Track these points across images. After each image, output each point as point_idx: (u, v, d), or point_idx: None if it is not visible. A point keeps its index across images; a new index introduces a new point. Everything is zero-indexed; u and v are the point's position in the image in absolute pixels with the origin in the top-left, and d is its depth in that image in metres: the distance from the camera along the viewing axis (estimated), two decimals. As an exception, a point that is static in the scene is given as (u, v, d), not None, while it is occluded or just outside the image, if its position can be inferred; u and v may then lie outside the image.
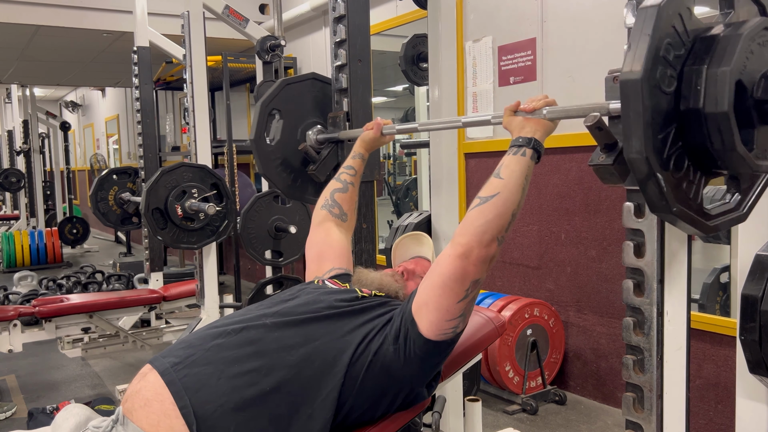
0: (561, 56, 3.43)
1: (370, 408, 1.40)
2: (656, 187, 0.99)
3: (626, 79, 0.96)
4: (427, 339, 1.34)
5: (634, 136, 0.97)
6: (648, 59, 0.94)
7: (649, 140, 0.96)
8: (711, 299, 3.17)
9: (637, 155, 0.97)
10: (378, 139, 1.94)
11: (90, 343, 3.98)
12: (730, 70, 0.95)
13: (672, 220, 1.05)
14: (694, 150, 1.02)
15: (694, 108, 0.99)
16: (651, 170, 0.97)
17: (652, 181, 0.98)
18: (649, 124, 0.96)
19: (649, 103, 0.95)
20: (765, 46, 1.01)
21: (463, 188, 4.06)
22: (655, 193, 1.00)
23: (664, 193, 0.99)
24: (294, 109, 2.20)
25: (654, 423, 1.36)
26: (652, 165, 0.97)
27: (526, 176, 1.37)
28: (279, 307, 1.47)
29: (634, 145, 0.97)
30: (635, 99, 0.95)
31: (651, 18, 0.95)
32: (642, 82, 0.94)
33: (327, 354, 1.35)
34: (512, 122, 1.43)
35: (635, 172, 0.99)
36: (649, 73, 0.95)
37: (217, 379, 1.28)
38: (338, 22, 2.16)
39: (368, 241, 2.21)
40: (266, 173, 2.14)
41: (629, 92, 0.96)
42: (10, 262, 8.25)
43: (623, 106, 0.98)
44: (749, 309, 1.21)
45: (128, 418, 1.27)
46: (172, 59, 5.43)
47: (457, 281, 1.32)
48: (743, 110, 0.98)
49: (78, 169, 13.67)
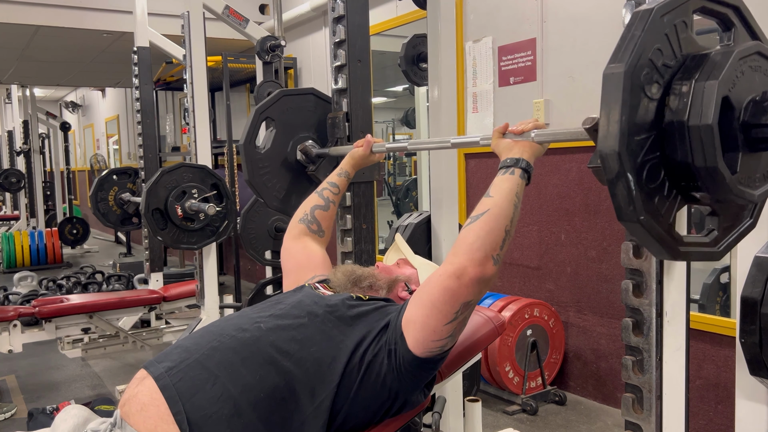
0: (561, 56, 3.43)
1: (366, 416, 1.38)
2: (625, 189, 0.94)
3: (609, 72, 0.94)
4: (415, 355, 1.32)
5: (610, 130, 0.93)
6: (635, 56, 0.93)
7: (624, 138, 0.92)
8: (711, 299, 3.17)
9: (609, 150, 0.93)
10: (367, 157, 1.92)
11: (90, 344, 3.98)
12: (718, 83, 0.93)
13: (638, 232, 0.98)
14: (672, 166, 0.98)
15: (678, 121, 0.96)
16: (622, 169, 0.93)
17: (621, 181, 0.94)
18: (626, 121, 0.93)
19: (629, 99, 0.93)
20: (756, 71, 1.00)
21: (463, 189, 4.06)
22: (623, 196, 0.94)
23: (633, 197, 0.94)
24: (288, 121, 2.18)
25: (653, 423, 1.36)
26: (623, 163, 0.93)
27: (516, 193, 1.34)
28: (275, 310, 1.45)
29: (608, 139, 0.93)
30: (615, 92, 0.93)
31: (643, 20, 0.94)
32: (624, 76, 0.92)
33: (322, 361, 1.33)
34: (500, 144, 1.42)
35: (606, 169, 0.95)
36: (633, 69, 0.93)
37: (212, 385, 1.26)
38: (338, 22, 2.16)
39: (368, 241, 2.20)
40: (252, 180, 2.12)
41: (610, 85, 0.93)
42: (10, 263, 8.25)
43: (603, 100, 0.95)
44: (749, 311, 1.21)
45: (126, 421, 1.27)
46: (172, 59, 5.43)
47: (446, 302, 1.27)
48: (728, 131, 0.95)
49: (78, 170, 13.67)
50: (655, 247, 0.99)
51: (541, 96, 3.54)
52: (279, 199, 2.19)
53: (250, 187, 2.13)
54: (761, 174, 1.03)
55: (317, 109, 2.24)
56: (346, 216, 2.17)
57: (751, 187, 1.01)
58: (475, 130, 3.96)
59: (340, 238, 2.22)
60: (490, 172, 3.90)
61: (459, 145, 1.73)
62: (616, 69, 0.93)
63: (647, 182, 0.96)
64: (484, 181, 3.94)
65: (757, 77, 1.00)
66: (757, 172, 1.02)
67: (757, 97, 0.98)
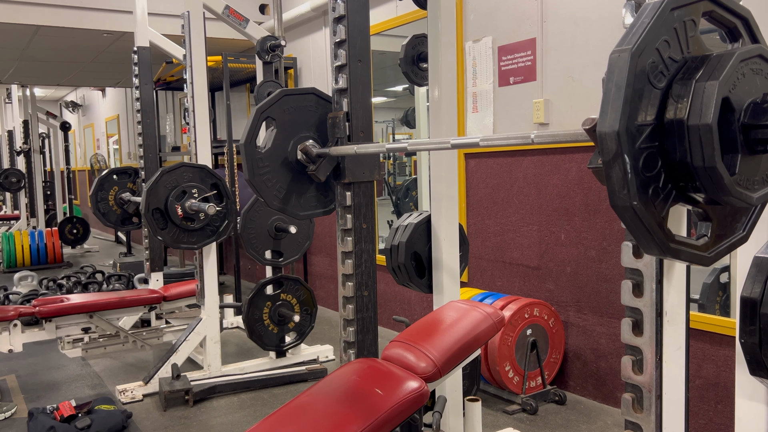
0: (561, 56, 3.43)
1: None
2: (621, 172, 0.93)
3: (616, 54, 0.94)
4: None
5: (611, 109, 0.92)
6: (642, 42, 0.93)
7: (625, 118, 0.92)
8: (711, 299, 3.17)
9: (609, 129, 0.93)
10: None
11: (90, 343, 3.98)
12: (718, 83, 0.94)
13: (629, 218, 0.97)
14: (671, 164, 0.99)
15: (677, 119, 0.96)
16: (620, 149, 0.93)
17: (618, 163, 0.93)
18: (628, 102, 0.92)
19: (633, 81, 0.93)
20: (757, 74, 1.00)
21: (463, 189, 4.06)
22: (618, 179, 0.94)
23: (628, 180, 0.94)
24: (289, 121, 2.19)
25: (653, 423, 1.37)
26: (622, 144, 0.92)
27: None
28: None
29: (608, 119, 0.93)
30: (620, 73, 0.93)
31: (653, 10, 0.95)
32: (632, 57, 0.92)
33: None
34: None
35: (603, 151, 0.94)
36: (641, 52, 0.93)
37: None
38: (338, 22, 2.16)
39: (368, 241, 2.21)
40: (252, 179, 2.12)
41: (616, 66, 0.93)
42: (11, 262, 8.25)
43: (606, 80, 0.94)
44: (749, 311, 1.21)
45: None
46: (173, 59, 5.44)
47: None
48: (728, 132, 0.96)
49: (78, 169, 13.67)
50: (645, 237, 0.99)
51: (541, 96, 3.54)
52: (279, 198, 2.20)
53: (250, 186, 2.13)
54: (760, 177, 1.03)
55: (318, 108, 2.24)
56: (346, 216, 2.18)
57: (750, 190, 1.01)
58: (475, 130, 3.96)
59: (340, 238, 2.22)
60: (490, 172, 3.90)
61: (459, 146, 1.73)
62: (624, 50, 0.93)
63: (644, 170, 0.96)
64: (484, 181, 3.94)
65: (758, 80, 1.00)
66: (756, 175, 1.02)
67: (758, 100, 0.98)
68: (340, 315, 2.27)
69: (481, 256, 4.03)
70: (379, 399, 1.80)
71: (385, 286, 4.81)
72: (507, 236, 3.85)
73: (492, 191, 3.91)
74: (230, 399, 3.66)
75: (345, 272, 2.21)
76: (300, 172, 2.21)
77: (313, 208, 2.28)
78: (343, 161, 2.15)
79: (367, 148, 2.01)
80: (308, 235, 4.15)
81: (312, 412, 1.86)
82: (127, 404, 3.57)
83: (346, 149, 2.04)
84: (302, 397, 1.94)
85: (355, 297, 2.18)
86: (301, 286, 4.08)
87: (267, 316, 3.99)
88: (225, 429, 3.27)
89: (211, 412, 3.49)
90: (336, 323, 5.18)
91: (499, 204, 3.86)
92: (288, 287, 4.04)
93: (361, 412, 1.76)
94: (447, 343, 2.01)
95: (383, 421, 1.68)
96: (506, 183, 3.80)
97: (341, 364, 2.19)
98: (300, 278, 4.10)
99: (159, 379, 3.63)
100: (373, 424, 1.66)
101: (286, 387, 3.82)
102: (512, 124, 3.72)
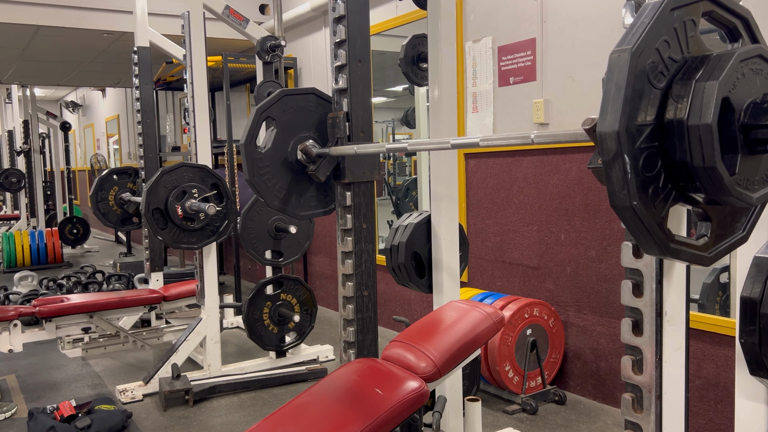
0: (561, 56, 3.43)
1: None
2: (621, 172, 0.93)
3: (616, 54, 0.94)
4: None
5: (611, 109, 0.93)
6: (643, 41, 0.93)
7: (625, 118, 0.92)
8: (711, 299, 3.17)
9: (609, 129, 0.93)
10: None
11: (90, 343, 3.98)
12: (718, 83, 0.94)
13: (629, 218, 0.97)
14: (671, 164, 0.99)
15: (677, 119, 0.96)
16: (620, 149, 0.93)
17: (618, 163, 0.93)
18: (628, 102, 0.92)
19: (633, 81, 0.93)
20: (757, 74, 1.00)
21: (463, 189, 4.06)
22: (618, 179, 0.94)
23: (628, 180, 0.94)
24: (289, 121, 2.19)
25: (653, 423, 1.37)
26: (622, 144, 0.92)
27: None
28: None
29: (608, 119, 0.93)
30: (620, 73, 0.93)
31: (653, 10, 0.95)
32: (632, 57, 0.92)
33: None
34: None
35: (603, 151, 0.94)
36: (641, 52, 0.93)
37: None
38: (338, 22, 2.16)
39: (368, 241, 2.21)
40: (252, 179, 2.12)
41: (615, 66, 0.93)
42: (11, 262, 8.26)
43: (606, 80, 0.94)
44: (749, 311, 1.21)
45: None
46: (173, 59, 5.44)
47: None
48: (728, 132, 0.96)
49: (78, 169, 13.67)
50: (645, 237, 0.99)
51: (540, 96, 3.54)
52: (279, 198, 2.20)
53: (250, 186, 2.13)
54: (760, 177, 1.03)
55: (318, 108, 2.24)
56: (346, 216, 2.18)
57: (750, 190, 1.01)
58: (475, 130, 3.96)
59: (340, 238, 2.22)
60: (490, 172, 3.90)
61: (459, 146, 1.73)
62: (624, 50, 0.93)
63: (643, 170, 0.96)
64: (484, 181, 3.94)
65: (758, 80, 1.00)
66: (756, 176, 1.02)
67: (758, 100, 0.98)
68: (340, 315, 2.27)
69: (481, 256, 4.03)
70: (379, 399, 1.80)
71: (385, 286, 4.81)
72: (507, 236, 3.85)
73: (492, 191, 3.91)
74: (230, 399, 3.66)
75: (345, 272, 2.21)
76: (300, 172, 2.21)
77: (313, 208, 2.28)
78: (343, 161, 2.15)
79: (367, 148, 2.01)
80: (308, 235, 4.16)
81: (312, 412, 1.86)
82: (127, 404, 3.58)
83: (346, 149, 2.04)
84: (302, 397, 1.94)
85: (355, 297, 2.18)
86: (301, 286, 4.08)
87: (267, 316, 3.99)
88: (225, 429, 3.27)
89: (211, 412, 3.49)
90: (336, 323, 5.18)
91: (499, 204, 3.86)
92: (288, 287, 4.04)
93: (361, 412, 1.76)
94: (447, 343, 2.01)
95: (383, 421, 1.68)
96: (506, 183, 3.80)
97: (341, 364, 2.19)
98: (300, 278, 4.10)
99: (159, 379, 3.64)
100: (373, 424, 1.66)
101: (286, 387, 3.82)
102: (512, 124, 3.72)
